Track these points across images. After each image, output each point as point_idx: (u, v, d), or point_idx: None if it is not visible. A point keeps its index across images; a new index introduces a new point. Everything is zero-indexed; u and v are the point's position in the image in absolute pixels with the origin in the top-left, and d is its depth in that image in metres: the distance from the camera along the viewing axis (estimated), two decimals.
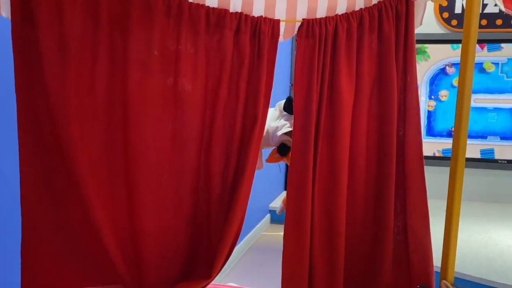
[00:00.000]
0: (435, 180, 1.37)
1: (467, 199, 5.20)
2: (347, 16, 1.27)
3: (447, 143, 5.72)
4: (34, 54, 1.02)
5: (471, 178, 5.48)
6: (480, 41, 5.71)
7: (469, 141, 4.69)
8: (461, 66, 1.32)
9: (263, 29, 1.20)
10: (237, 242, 1.22)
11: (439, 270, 1.38)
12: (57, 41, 1.02)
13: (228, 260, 1.71)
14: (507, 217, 4.62)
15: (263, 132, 1.24)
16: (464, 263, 3.14)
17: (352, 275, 1.39)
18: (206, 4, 1.17)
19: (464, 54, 1.30)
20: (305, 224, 1.29)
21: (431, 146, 5.37)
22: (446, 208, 1.37)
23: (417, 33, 4.72)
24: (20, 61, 1.03)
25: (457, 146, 1.36)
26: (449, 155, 4.59)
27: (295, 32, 1.27)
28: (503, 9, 1.30)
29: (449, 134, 5.68)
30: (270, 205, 4.61)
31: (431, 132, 5.40)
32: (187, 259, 1.24)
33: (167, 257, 1.22)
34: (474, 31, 1.29)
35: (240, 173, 1.19)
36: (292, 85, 1.37)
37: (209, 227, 1.24)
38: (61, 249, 1.13)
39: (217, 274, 1.17)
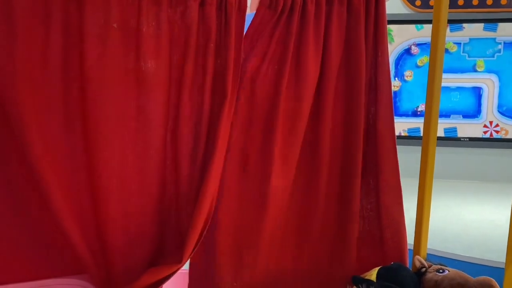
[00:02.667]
0: (401, 159, 1.38)
1: (438, 177, 5.22)
2: None
3: (412, 122, 5.82)
4: None
5: (435, 156, 5.61)
6: None
7: None
8: (432, 48, 1.31)
9: (229, 0, 1.13)
10: (208, 224, 1.16)
11: (412, 247, 1.39)
12: (1, 8, 0.93)
13: None
14: (470, 193, 4.78)
15: (232, 109, 1.18)
16: (430, 239, 3.20)
17: (320, 250, 1.37)
18: None
19: (435, 35, 1.29)
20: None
21: (396, 125, 5.39)
22: (419, 185, 1.37)
23: None
24: None
25: (429, 126, 1.35)
26: (414, 134, 4.68)
27: None
28: None
29: (414, 114, 5.78)
30: None
31: (396, 112, 5.47)
32: (156, 244, 1.19)
33: (134, 242, 1.16)
34: (445, 10, 1.27)
35: (209, 153, 1.13)
36: None
37: (178, 210, 1.18)
38: (19, 237, 1.05)
39: (188, 259, 1.12)
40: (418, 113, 5.72)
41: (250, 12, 1.20)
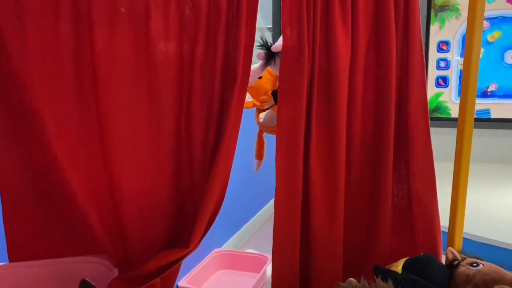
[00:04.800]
0: None
1: (504, 162, 4.95)
2: None
3: (481, 103, 5.41)
4: None
5: (509, 140, 5.18)
6: None
7: (505, 101, 4.46)
8: (469, 21, 1.18)
9: None
10: (219, 210, 1.15)
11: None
12: (14, 4, 0.96)
13: (248, 228, 1.58)
14: None
15: (244, 93, 1.15)
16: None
17: (351, 239, 1.32)
18: None
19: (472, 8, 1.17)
20: (297, 190, 1.23)
21: None
22: (454, 171, 1.27)
23: None
24: None
25: (465, 105, 1.23)
26: (483, 116, 4.38)
27: None
28: None
29: (483, 95, 5.37)
30: None
31: None
32: (171, 227, 1.20)
33: (150, 224, 1.18)
34: None
35: (219, 139, 1.12)
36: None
37: (193, 194, 1.18)
38: (41, 216, 1.11)
39: (195, 244, 1.11)
40: (488, 93, 5.30)
41: None
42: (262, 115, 1.56)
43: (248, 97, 1.59)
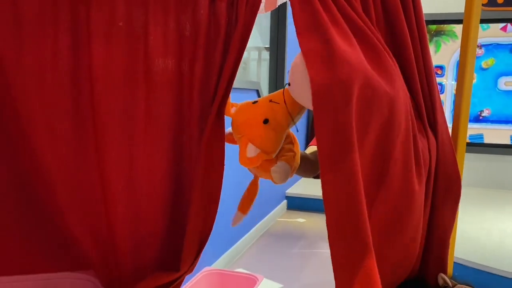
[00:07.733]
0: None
1: (497, 187, 5.04)
2: None
3: (474, 128, 5.45)
4: None
5: (502, 165, 5.21)
6: None
7: (498, 126, 4.53)
8: (462, 47, 1.19)
9: None
10: (211, 229, 1.11)
11: None
12: (9, 9, 0.95)
13: (240, 246, 1.45)
14: None
15: (223, 109, 1.10)
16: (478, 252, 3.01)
17: None
18: None
19: (466, 34, 1.18)
20: None
21: None
22: None
23: (443, 13, 4.56)
24: None
25: (457, 130, 1.24)
26: (477, 141, 4.44)
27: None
28: None
29: (476, 119, 5.41)
30: (286, 191, 4.55)
31: None
32: (167, 248, 1.15)
33: (144, 243, 1.14)
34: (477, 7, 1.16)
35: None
36: None
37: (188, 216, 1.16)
38: (22, 227, 1.07)
39: (188, 267, 1.08)
40: (481, 118, 5.35)
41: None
42: (275, 169, 1.13)
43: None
